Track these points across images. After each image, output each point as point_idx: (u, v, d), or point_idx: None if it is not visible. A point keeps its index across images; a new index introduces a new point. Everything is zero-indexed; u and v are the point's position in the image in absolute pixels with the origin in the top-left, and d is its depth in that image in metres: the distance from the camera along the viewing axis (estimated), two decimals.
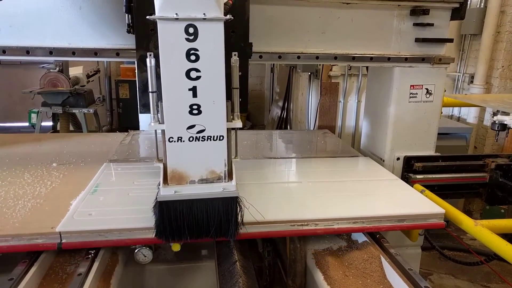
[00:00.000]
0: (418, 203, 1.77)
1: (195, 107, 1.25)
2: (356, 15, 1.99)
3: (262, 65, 8.21)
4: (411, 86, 2.16)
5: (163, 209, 1.30)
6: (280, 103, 6.10)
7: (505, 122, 2.32)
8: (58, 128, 5.47)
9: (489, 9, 4.34)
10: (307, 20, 1.96)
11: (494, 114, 2.42)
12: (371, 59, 2.06)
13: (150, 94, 1.27)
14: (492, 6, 4.31)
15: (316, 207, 1.68)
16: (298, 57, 1.99)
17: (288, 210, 1.63)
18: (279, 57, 1.97)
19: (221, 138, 1.30)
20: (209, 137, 1.29)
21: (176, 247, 1.46)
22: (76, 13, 1.78)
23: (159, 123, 1.30)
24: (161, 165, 1.35)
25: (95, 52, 1.81)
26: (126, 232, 1.44)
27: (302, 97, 5.13)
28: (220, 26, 1.20)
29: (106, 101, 7.81)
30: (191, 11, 1.17)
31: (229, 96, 1.31)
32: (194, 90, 1.23)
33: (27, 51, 1.78)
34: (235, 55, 1.30)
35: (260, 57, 1.93)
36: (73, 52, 1.80)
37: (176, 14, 1.16)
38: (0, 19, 1.75)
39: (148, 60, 1.24)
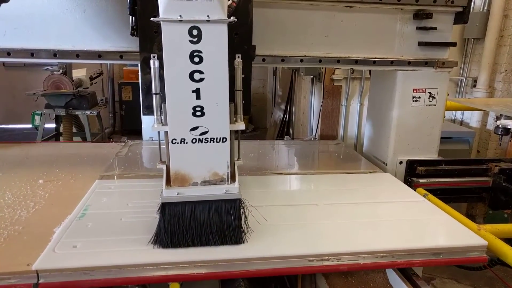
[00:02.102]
0: (454, 232, 1.53)
1: (198, 109, 1.26)
2: (359, 18, 2.00)
3: (265, 68, 8.24)
4: (414, 89, 2.16)
5: (166, 211, 1.30)
6: (283, 106, 6.10)
7: (508, 126, 2.31)
8: (61, 130, 5.49)
9: (492, 13, 4.34)
10: (310, 23, 1.97)
11: (497, 118, 2.41)
12: (374, 62, 2.06)
13: (154, 96, 1.27)
14: (495, 10, 4.31)
15: (336, 237, 1.45)
16: (301, 60, 1.99)
17: (304, 241, 1.40)
18: (282, 60, 1.97)
19: (224, 140, 1.30)
20: (212, 139, 1.29)
21: (175, 286, 1.33)
22: (80, 15, 1.79)
23: (162, 124, 1.30)
24: (164, 167, 1.35)
25: (99, 55, 1.82)
26: (116, 270, 1.23)
27: (304, 100, 5.13)
28: (224, 28, 1.20)
29: (109, 104, 7.86)
30: (195, 13, 1.17)
31: (232, 98, 1.31)
32: (197, 92, 1.24)
33: (32, 53, 1.78)
34: (238, 57, 1.30)
35: (263, 60, 1.94)
36: (77, 54, 1.81)
37: (180, 16, 1.17)
38: (4, 22, 1.76)
39: (151, 62, 1.24)
